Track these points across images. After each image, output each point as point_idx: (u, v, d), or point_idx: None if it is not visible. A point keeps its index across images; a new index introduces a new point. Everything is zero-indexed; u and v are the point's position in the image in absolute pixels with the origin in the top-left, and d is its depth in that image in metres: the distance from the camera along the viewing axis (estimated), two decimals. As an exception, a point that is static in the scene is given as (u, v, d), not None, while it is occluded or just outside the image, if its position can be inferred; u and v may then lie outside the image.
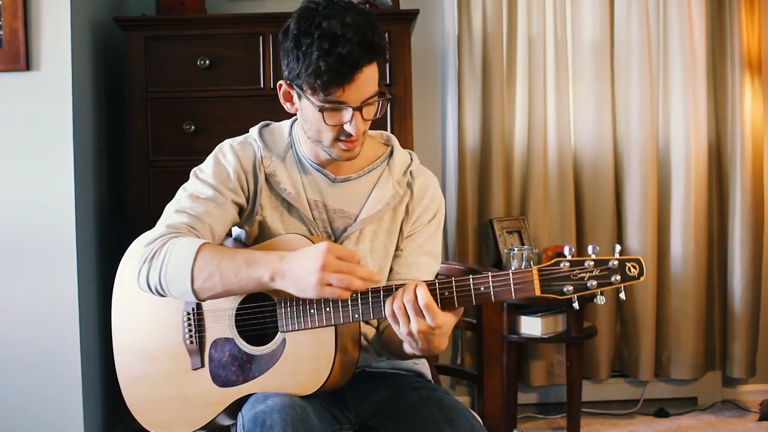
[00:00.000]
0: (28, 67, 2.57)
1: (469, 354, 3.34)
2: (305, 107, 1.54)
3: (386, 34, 2.81)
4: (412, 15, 2.93)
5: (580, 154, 3.35)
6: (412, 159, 1.71)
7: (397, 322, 1.43)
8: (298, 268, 1.43)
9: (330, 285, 1.41)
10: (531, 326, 2.93)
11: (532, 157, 3.28)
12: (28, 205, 2.59)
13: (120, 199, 3.07)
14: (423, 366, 1.78)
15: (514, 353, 3.03)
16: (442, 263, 2.13)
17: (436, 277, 1.75)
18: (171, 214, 1.60)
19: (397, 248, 1.68)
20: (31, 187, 2.59)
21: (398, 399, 1.61)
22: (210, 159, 1.66)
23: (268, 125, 1.71)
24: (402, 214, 1.67)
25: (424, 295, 1.40)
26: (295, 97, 1.57)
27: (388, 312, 1.43)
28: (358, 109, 1.50)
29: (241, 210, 1.64)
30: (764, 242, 3.35)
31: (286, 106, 1.62)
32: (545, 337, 2.91)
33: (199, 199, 1.60)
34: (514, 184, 3.34)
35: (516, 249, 3.00)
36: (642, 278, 1.36)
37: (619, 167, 3.35)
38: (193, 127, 2.84)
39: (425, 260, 1.70)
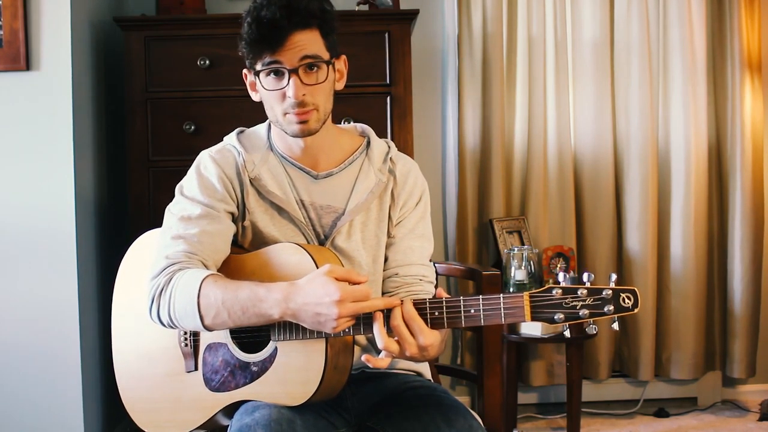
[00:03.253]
0: (28, 67, 2.57)
1: (469, 354, 3.34)
2: (259, 85, 1.58)
3: (391, 26, 2.83)
4: (412, 15, 2.93)
5: (580, 154, 3.35)
6: (389, 147, 1.73)
7: (390, 350, 1.42)
8: (312, 314, 1.39)
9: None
10: (531, 326, 2.92)
11: (532, 157, 3.28)
12: (28, 205, 2.59)
13: (120, 199, 3.07)
14: (422, 365, 1.78)
15: (514, 353, 3.02)
16: (442, 263, 2.14)
17: (437, 277, 1.75)
18: (167, 242, 1.57)
19: (389, 235, 1.68)
20: (31, 187, 2.59)
21: (397, 399, 1.61)
22: (192, 174, 1.65)
23: (243, 131, 1.72)
24: (388, 200, 1.68)
25: (409, 310, 1.40)
26: (256, 82, 1.59)
27: (381, 345, 1.42)
28: (294, 71, 1.52)
29: (234, 217, 1.63)
30: (764, 242, 3.35)
31: (252, 95, 1.66)
32: (545, 337, 2.91)
33: (191, 219, 1.58)
34: (514, 184, 3.34)
35: (516, 249, 3.00)
36: (636, 310, 1.34)
37: (619, 167, 3.35)
38: (193, 127, 2.84)
39: (419, 243, 1.70)
